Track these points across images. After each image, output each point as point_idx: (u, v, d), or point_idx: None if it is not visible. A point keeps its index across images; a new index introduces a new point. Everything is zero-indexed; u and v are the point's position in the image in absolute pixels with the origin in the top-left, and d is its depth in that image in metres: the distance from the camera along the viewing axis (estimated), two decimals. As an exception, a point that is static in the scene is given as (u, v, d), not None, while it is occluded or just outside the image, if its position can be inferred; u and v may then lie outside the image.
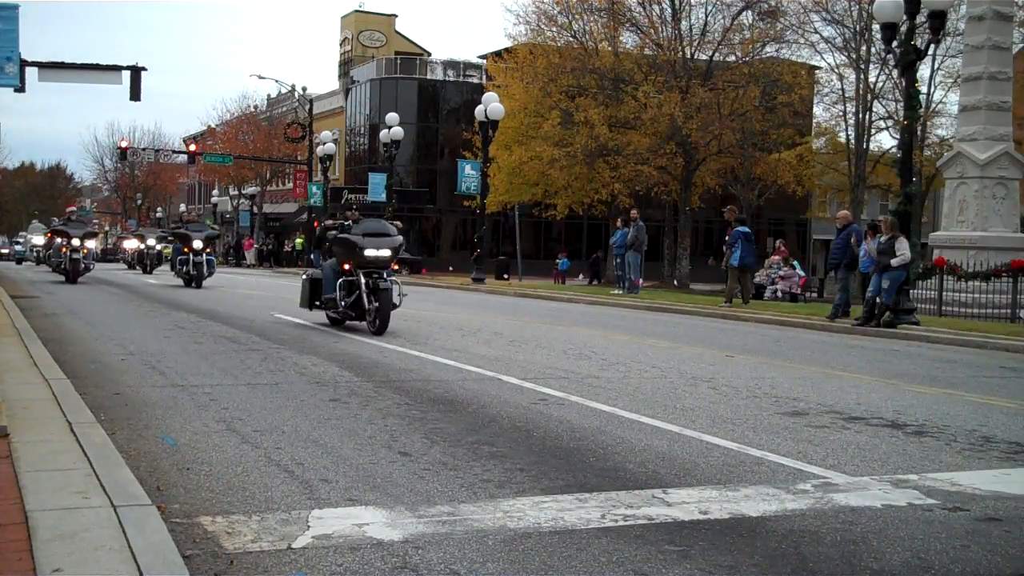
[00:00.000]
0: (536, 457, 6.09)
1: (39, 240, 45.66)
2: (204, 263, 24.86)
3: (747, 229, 22.48)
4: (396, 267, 14.85)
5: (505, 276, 37.85)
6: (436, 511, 4.80)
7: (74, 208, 33.04)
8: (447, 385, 9.01)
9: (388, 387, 8.78)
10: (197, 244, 24.82)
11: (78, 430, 5.80)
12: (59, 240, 27.07)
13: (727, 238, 22.58)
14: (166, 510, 4.58)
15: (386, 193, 41.14)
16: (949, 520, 4.95)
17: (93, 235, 29.74)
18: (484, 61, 54.81)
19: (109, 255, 59.15)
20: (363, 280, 13.24)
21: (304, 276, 15.58)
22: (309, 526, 4.50)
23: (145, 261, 36.27)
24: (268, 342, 12.23)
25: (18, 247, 54.39)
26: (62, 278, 26.54)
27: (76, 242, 25.75)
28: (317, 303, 14.39)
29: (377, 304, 13.15)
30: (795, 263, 30.76)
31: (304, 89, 64.98)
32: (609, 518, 4.77)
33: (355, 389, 8.62)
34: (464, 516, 4.72)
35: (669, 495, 5.23)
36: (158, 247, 36.46)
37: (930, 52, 27.51)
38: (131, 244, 43.54)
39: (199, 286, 24.55)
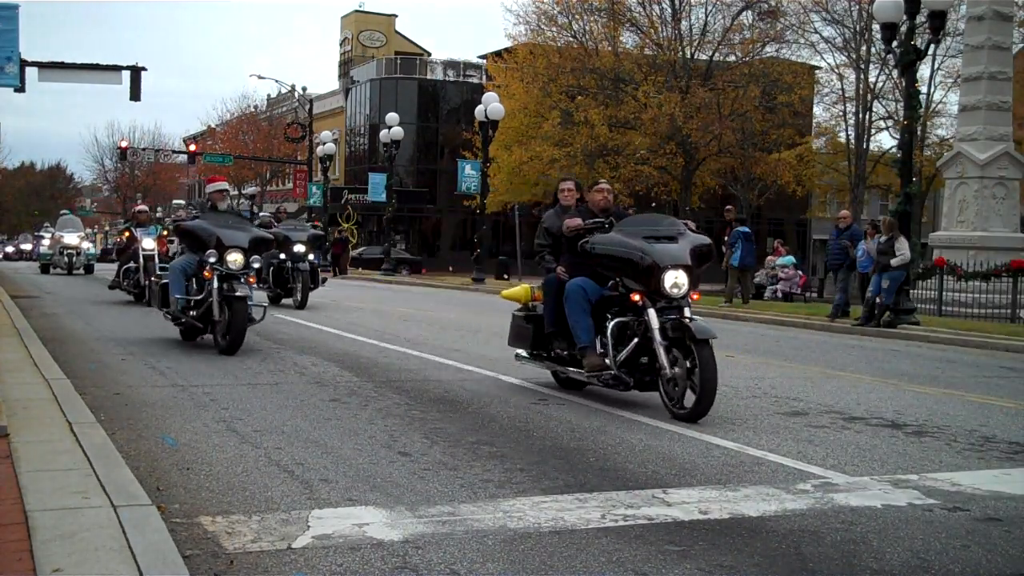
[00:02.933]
0: (536, 457, 6.09)
1: (73, 239, 32.38)
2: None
3: (747, 229, 22.50)
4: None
5: (505, 276, 37.85)
6: (436, 511, 4.80)
7: (224, 185, 12.59)
8: (447, 385, 9.01)
9: (388, 387, 8.78)
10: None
11: (78, 430, 5.79)
12: (188, 252, 11.61)
13: (726, 238, 22.61)
14: (166, 510, 4.58)
15: (386, 193, 41.15)
16: (949, 520, 4.95)
17: (265, 244, 11.73)
18: (484, 61, 54.79)
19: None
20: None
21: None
22: (309, 526, 4.50)
23: (291, 283, 18.83)
24: (268, 342, 12.22)
25: (43, 248, 35.41)
26: (196, 341, 11.97)
27: (236, 258, 10.88)
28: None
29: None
30: (783, 261, 30.14)
31: (304, 89, 65.05)
32: (609, 518, 4.77)
33: (355, 389, 8.61)
34: (464, 516, 4.72)
35: (669, 495, 5.23)
36: (310, 257, 19.03)
37: (930, 52, 27.49)
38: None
39: None
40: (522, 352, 9.18)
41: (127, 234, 18.64)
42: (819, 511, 5.03)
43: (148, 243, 17.52)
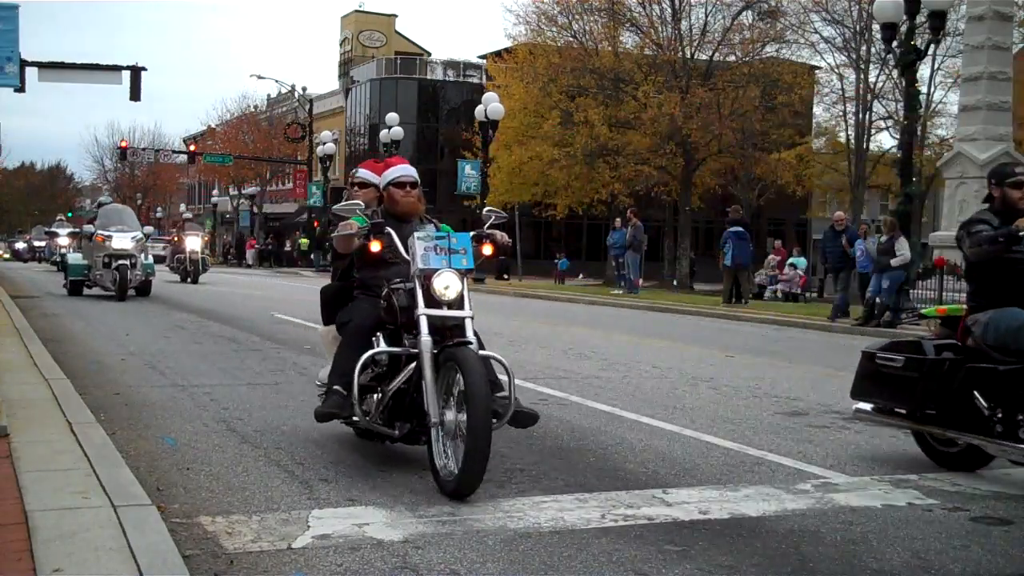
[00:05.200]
0: (536, 457, 6.09)
1: (126, 242, 20.22)
2: None
3: (739, 229, 22.62)
4: None
5: (505, 276, 37.87)
6: (436, 511, 4.80)
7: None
8: (447, 385, 8.99)
9: (388, 387, 8.76)
10: None
11: (78, 430, 5.79)
12: None
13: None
14: (166, 510, 4.58)
15: (386, 193, 41.06)
16: (949, 520, 4.95)
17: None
18: (484, 61, 54.77)
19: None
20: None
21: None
22: (309, 526, 4.50)
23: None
24: (268, 342, 12.22)
25: (72, 257, 22.09)
26: None
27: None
28: None
29: None
30: (795, 261, 30.39)
31: (304, 89, 64.95)
32: (609, 518, 4.77)
33: (355, 389, 8.60)
34: (464, 516, 4.72)
35: (669, 495, 5.23)
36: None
37: (930, 52, 27.49)
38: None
39: None
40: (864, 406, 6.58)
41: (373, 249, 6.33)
42: (819, 511, 5.03)
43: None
